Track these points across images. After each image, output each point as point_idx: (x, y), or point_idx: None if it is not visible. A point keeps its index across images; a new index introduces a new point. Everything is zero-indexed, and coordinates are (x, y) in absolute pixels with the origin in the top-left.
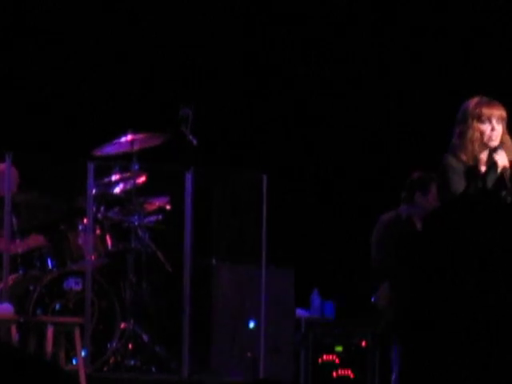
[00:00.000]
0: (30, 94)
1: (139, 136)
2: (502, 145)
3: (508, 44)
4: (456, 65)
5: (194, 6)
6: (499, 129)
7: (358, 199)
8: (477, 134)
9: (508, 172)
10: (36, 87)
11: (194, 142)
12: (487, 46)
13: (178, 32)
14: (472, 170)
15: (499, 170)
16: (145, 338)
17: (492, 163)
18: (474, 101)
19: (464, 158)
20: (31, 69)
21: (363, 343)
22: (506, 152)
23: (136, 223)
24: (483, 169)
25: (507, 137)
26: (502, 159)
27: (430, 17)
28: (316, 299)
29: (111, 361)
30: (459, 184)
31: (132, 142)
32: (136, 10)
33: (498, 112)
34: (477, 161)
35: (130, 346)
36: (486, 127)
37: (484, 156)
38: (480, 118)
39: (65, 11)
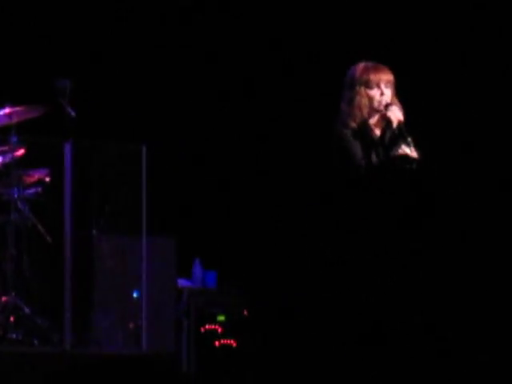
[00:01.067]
0: None
1: (17, 109)
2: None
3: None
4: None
5: None
6: (388, 93)
7: (237, 169)
8: (365, 100)
9: (403, 126)
10: None
11: (73, 113)
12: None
13: (56, 2)
14: (366, 136)
15: (395, 124)
16: (26, 310)
17: (387, 121)
18: (360, 66)
19: (353, 124)
20: None
21: (246, 312)
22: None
23: (15, 196)
24: (377, 133)
25: (396, 100)
26: (395, 114)
27: None
28: (198, 269)
29: None
30: (359, 152)
31: (10, 115)
32: None
33: (386, 76)
34: (367, 126)
35: (11, 319)
36: (375, 93)
37: (373, 121)
38: (368, 84)
39: None
